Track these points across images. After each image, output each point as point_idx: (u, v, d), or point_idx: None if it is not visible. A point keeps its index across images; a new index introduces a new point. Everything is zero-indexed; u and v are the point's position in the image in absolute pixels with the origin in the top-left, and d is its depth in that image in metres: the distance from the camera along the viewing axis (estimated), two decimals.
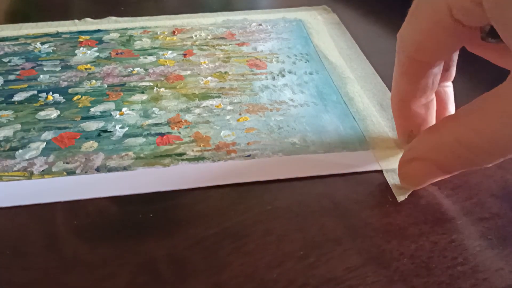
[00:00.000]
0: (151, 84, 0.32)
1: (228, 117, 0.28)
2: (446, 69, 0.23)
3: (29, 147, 0.26)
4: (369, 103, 0.30)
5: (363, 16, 0.42)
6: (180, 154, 0.25)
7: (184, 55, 0.35)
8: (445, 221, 0.21)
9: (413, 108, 0.23)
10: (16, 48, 0.36)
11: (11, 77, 0.33)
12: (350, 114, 0.29)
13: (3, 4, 0.45)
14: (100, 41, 0.37)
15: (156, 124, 0.28)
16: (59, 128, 0.27)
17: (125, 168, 0.24)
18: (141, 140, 0.26)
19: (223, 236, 0.21)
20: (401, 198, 0.22)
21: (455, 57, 0.23)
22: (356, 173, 0.24)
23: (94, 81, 0.32)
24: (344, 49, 0.36)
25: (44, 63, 0.34)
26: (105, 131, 0.27)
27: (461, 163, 0.19)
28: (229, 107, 0.29)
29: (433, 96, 0.23)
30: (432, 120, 0.23)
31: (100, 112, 0.29)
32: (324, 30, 0.39)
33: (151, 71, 0.33)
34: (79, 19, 0.40)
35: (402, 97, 0.23)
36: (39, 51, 0.36)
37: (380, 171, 0.24)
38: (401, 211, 0.22)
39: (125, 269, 0.19)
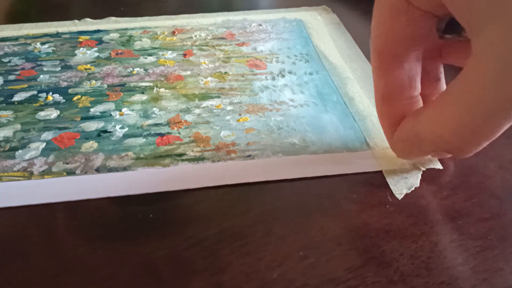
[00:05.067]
0: (151, 84, 0.32)
1: (228, 117, 0.28)
2: (435, 79, 0.23)
3: (29, 147, 0.26)
4: (369, 103, 0.30)
5: (363, 16, 0.42)
6: (180, 155, 0.25)
7: (184, 55, 0.35)
8: (445, 221, 0.21)
9: (395, 107, 0.22)
10: (16, 48, 0.36)
11: (11, 77, 0.32)
12: (350, 114, 0.29)
13: (3, 4, 0.45)
14: (100, 41, 0.37)
15: (156, 125, 0.28)
16: (59, 128, 0.27)
17: (125, 169, 0.24)
18: (141, 140, 0.26)
19: (223, 236, 0.21)
20: (400, 196, 0.22)
21: (441, 68, 0.23)
22: (356, 173, 0.24)
23: (94, 81, 0.32)
24: (344, 49, 0.36)
25: (44, 63, 0.34)
26: (105, 131, 0.27)
27: (441, 151, 0.20)
28: (229, 108, 0.29)
29: (417, 97, 0.22)
30: None
31: (100, 112, 0.29)
32: (324, 30, 0.39)
33: (151, 71, 0.33)
34: (79, 19, 0.40)
35: (381, 95, 0.22)
36: (39, 51, 0.35)
37: (380, 171, 0.24)
38: (401, 211, 0.22)
39: (125, 269, 0.19)
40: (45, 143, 0.26)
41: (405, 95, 0.22)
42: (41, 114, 0.29)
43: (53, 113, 0.29)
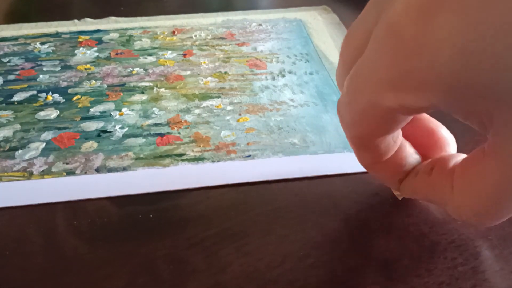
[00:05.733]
0: (151, 84, 0.32)
1: (228, 117, 0.28)
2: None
3: (28, 147, 0.26)
4: None
5: None
6: (180, 155, 0.25)
7: (184, 55, 0.35)
8: (445, 221, 0.21)
9: (386, 163, 0.19)
10: (15, 48, 0.36)
11: (11, 77, 0.32)
12: None
13: (3, 4, 0.45)
14: (99, 41, 0.37)
15: (156, 125, 0.28)
16: (59, 128, 0.27)
17: (124, 169, 0.24)
18: (141, 140, 0.26)
19: (223, 236, 0.21)
20: (400, 196, 0.22)
21: None
22: (356, 173, 0.24)
23: (93, 81, 0.32)
24: None
25: (43, 63, 0.34)
26: (105, 131, 0.27)
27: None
28: (229, 108, 0.29)
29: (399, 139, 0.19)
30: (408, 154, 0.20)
31: (100, 112, 0.29)
32: (324, 30, 0.39)
33: (151, 71, 0.33)
34: (79, 19, 0.40)
35: (369, 164, 0.20)
36: (39, 51, 0.35)
37: None
38: (401, 211, 0.22)
39: (125, 269, 0.19)
40: (45, 143, 0.26)
41: (392, 152, 0.19)
42: (41, 114, 0.29)
43: (53, 113, 0.29)
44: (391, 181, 0.21)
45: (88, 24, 0.40)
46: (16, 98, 0.30)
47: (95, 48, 0.36)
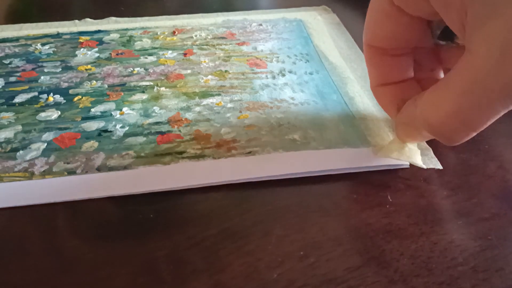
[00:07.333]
0: (152, 83, 0.32)
1: (228, 114, 0.28)
2: (429, 69, 0.24)
3: (30, 148, 0.26)
4: (369, 103, 0.29)
5: (363, 16, 0.42)
6: (181, 152, 0.25)
7: (184, 54, 0.35)
8: (445, 221, 0.21)
9: (389, 92, 0.24)
10: (16, 50, 0.36)
11: (12, 78, 0.33)
12: (351, 113, 0.29)
13: (3, 4, 0.45)
14: (100, 42, 0.37)
15: (157, 123, 0.28)
16: (60, 129, 0.28)
17: (125, 167, 0.24)
18: (141, 139, 0.27)
19: (223, 236, 0.21)
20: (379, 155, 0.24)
21: (438, 64, 0.24)
22: (356, 173, 0.24)
23: (94, 81, 0.32)
24: (344, 49, 0.36)
25: (44, 64, 0.34)
26: (106, 130, 0.27)
27: (432, 135, 0.20)
28: (229, 105, 0.29)
29: (410, 81, 0.24)
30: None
31: (101, 112, 0.29)
32: (324, 30, 0.39)
33: (151, 71, 0.33)
34: (79, 19, 0.40)
35: (374, 82, 0.25)
36: (40, 52, 0.36)
37: (380, 171, 0.24)
38: (401, 211, 0.22)
39: (125, 269, 0.19)
40: (46, 144, 0.26)
41: (396, 81, 0.24)
42: (42, 115, 0.29)
43: (54, 114, 0.29)
44: (391, 106, 0.24)
45: (89, 25, 0.40)
46: (18, 99, 0.30)
47: (96, 49, 0.36)
